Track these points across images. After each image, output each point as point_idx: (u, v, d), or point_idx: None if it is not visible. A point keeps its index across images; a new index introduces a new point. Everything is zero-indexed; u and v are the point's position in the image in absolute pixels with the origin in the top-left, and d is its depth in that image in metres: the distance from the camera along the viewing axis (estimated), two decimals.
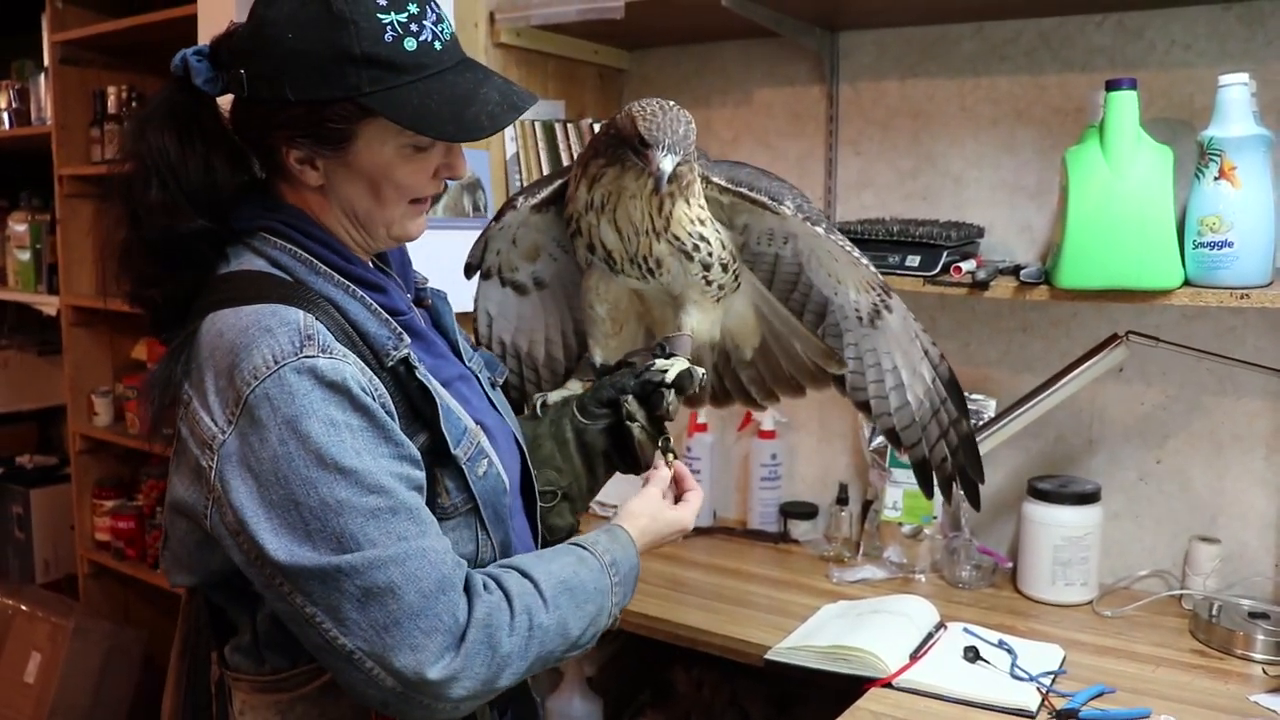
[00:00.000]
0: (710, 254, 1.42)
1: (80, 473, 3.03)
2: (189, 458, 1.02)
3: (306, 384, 0.98)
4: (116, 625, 2.89)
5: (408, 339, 1.10)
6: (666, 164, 1.27)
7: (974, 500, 1.62)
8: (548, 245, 1.59)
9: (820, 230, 1.42)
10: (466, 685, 0.99)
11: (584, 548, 1.16)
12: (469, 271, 1.62)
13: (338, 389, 0.99)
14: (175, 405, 1.04)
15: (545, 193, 1.49)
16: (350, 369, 1.01)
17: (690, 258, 1.41)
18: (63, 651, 2.76)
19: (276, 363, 0.98)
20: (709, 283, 1.45)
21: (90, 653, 2.79)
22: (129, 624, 2.99)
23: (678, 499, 1.35)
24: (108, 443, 2.99)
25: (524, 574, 1.08)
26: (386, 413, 1.03)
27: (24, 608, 2.91)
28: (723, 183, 1.42)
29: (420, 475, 1.05)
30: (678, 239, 1.39)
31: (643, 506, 1.29)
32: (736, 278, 1.49)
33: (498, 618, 1.02)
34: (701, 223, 1.40)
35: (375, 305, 1.10)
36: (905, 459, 1.69)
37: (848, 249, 1.43)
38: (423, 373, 1.09)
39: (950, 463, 1.59)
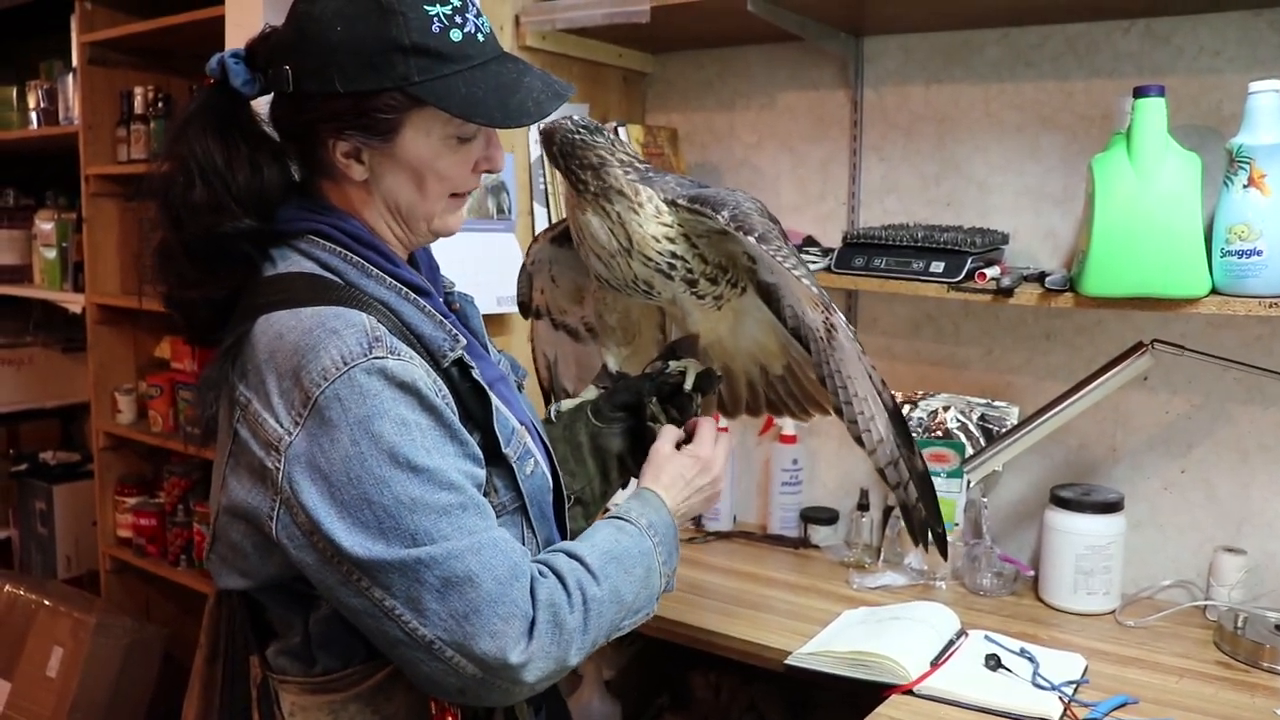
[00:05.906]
0: (691, 269, 1.39)
1: (103, 469, 3.05)
2: (250, 460, 1.02)
3: (377, 384, 0.99)
4: (138, 621, 2.91)
5: (463, 340, 1.11)
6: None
7: (942, 550, 1.48)
8: (586, 285, 1.60)
9: (751, 240, 1.30)
10: (542, 666, 1.02)
11: (619, 518, 1.19)
12: (524, 311, 1.65)
13: (408, 389, 1.01)
14: (230, 407, 1.05)
15: (560, 228, 1.54)
16: (418, 370, 1.03)
17: (669, 277, 1.39)
18: (84, 646, 2.78)
19: (346, 364, 0.99)
20: (699, 296, 1.44)
21: (111, 648, 2.80)
22: (150, 620, 3.01)
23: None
24: (131, 440, 3.01)
25: (569, 554, 1.11)
26: (451, 412, 1.05)
27: (47, 603, 2.93)
28: (682, 202, 1.37)
29: (482, 473, 1.07)
30: (649, 259, 1.37)
31: (655, 462, 1.31)
32: (734, 285, 1.47)
33: (557, 597, 1.04)
34: (670, 240, 1.37)
35: (427, 307, 1.11)
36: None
37: (782, 260, 1.31)
38: (477, 373, 1.11)
39: (921, 506, 1.43)
